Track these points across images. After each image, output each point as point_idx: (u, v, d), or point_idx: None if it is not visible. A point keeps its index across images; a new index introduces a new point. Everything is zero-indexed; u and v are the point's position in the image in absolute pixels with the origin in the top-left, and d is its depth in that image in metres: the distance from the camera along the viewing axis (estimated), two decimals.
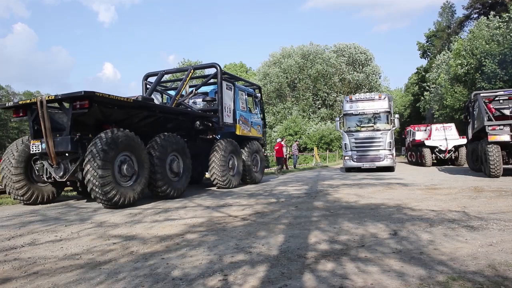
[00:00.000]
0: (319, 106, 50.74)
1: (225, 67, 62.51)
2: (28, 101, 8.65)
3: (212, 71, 12.93)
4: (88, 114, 8.20)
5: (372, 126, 18.95)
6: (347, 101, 19.73)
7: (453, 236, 4.69)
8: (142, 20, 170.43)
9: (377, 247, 4.27)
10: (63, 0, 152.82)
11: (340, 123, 19.98)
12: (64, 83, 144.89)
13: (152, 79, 13.72)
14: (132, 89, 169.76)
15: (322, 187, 11.68)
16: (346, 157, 19.27)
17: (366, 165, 18.62)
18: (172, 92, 13.49)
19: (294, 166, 26.70)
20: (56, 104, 8.64)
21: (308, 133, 42.79)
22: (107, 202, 7.84)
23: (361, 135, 18.85)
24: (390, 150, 18.47)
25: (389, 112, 18.94)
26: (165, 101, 13.65)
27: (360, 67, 51.63)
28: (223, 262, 3.86)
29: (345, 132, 19.38)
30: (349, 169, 19.80)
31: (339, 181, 13.68)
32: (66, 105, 8.36)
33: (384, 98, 19.17)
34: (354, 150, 18.88)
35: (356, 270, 3.49)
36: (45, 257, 4.24)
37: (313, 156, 34.39)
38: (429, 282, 3.14)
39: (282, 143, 22.46)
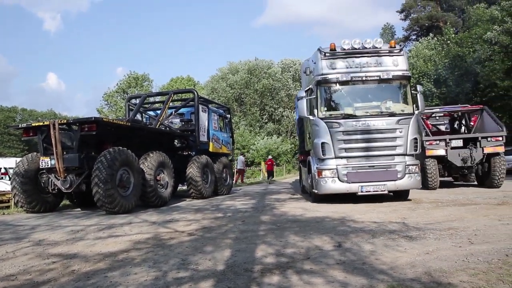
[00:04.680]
0: (266, 120, 51.35)
1: (171, 80, 61.73)
2: (41, 123, 9.71)
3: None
4: (93, 135, 9.36)
5: (379, 107, 10.10)
6: (326, 56, 9.96)
7: (393, 246, 4.89)
8: (88, 31, 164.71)
9: (322, 259, 4.36)
10: (1, 4, 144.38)
11: (308, 101, 10.08)
12: (4, 93, 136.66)
13: (133, 101, 16.06)
14: (78, 101, 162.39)
15: (269, 201, 11.77)
16: (324, 173, 9.59)
17: (369, 188, 9.46)
18: (150, 113, 15.32)
19: (242, 181, 26.59)
20: (65, 126, 9.84)
21: (255, 147, 43.10)
22: (111, 209, 8.98)
23: (359, 125, 9.59)
24: (413, 156, 9.88)
25: (409, 78, 10.34)
26: (145, 121, 14.83)
27: None
28: (169, 279, 3.79)
29: (321, 119, 9.74)
30: (325, 197, 10.09)
31: (286, 195, 13.85)
32: (74, 127, 9.71)
33: (400, 51, 10.24)
34: (341, 158, 9.60)
35: (301, 282, 3.55)
36: None
37: (260, 170, 34.60)
38: None
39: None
